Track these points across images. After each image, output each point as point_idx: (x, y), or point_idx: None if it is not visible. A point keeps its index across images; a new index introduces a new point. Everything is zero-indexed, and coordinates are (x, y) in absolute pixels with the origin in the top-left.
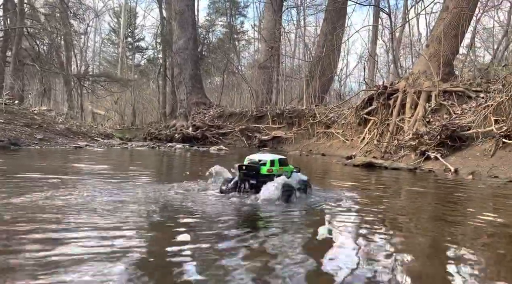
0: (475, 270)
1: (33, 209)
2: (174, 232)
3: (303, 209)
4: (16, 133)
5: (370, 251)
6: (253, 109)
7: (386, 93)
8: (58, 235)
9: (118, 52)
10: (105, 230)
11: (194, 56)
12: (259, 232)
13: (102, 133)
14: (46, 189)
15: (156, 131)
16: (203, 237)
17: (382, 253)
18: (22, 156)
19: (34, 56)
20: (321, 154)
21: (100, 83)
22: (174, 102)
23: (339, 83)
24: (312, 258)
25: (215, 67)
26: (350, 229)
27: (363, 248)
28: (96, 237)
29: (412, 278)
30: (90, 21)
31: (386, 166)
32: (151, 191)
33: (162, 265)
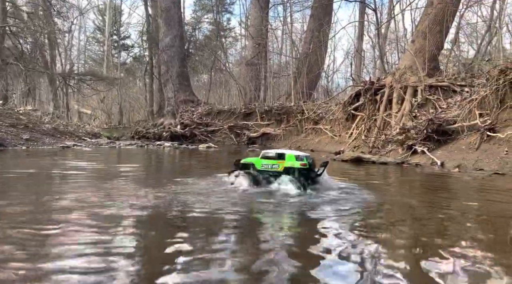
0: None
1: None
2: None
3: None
4: (2, 134)
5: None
6: (242, 106)
7: (373, 88)
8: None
9: (104, 50)
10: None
11: (180, 54)
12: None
13: (89, 133)
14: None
15: (144, 130)
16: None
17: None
18: (15, 157)
19: (18, 55)
20: (310, 150)
21: (86, 82)
22: (162, 100)
23: (326, 80)
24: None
25: (202, 65)
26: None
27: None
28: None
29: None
30: (74, 19)
31: (374, 161)
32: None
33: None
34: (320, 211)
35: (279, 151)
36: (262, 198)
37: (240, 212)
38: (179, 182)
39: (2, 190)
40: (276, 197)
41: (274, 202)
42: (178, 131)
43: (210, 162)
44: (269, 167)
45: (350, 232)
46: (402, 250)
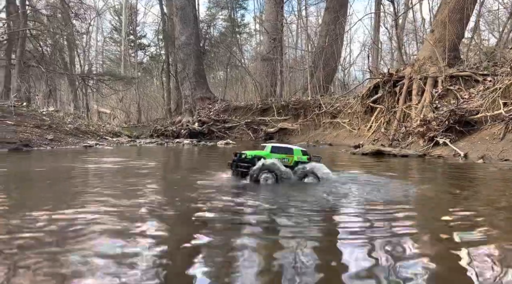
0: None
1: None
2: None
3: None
4: (27, 135)
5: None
6: (258, 102)
7: (391, 80)
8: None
9: (121, 50)
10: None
11: (197, 51)
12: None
13: (110, 132)
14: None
15: (162, 128)
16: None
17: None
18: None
19: (39, 57)
20: (328, 144)
21: (105, 82)
22: (179, 98)
23: (343, 73)
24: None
25: (218, 62)
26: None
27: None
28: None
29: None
30: (91, 21)
31: (395, 154)
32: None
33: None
34: (345, 204)
35: (276, 145)
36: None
37: (269, 205)
38: (201, 177)
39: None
40: (298, 190)
41: (301, 195)
42: (196, 128)
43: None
44: (281, 161)
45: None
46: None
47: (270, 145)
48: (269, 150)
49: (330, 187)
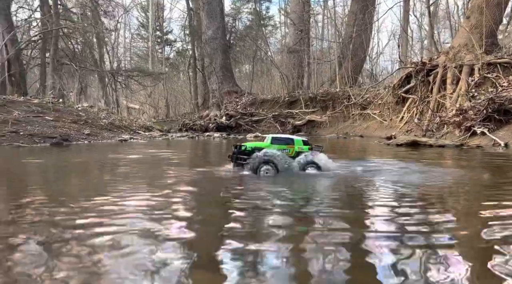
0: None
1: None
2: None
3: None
4: (66, 130)
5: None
6: (285, 94)
7: (425, 69)
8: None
9: (148, 46)
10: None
11: (223, 45)
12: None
13: (142, 126)
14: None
15: (191, 122)
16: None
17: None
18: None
19: (71, 55)
20: (359, 136)
21: (134, 77)
22: (206, 92)
23: (371, 63)
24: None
25: (244, 55)
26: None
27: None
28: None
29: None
30: (119, 18)
31: (431, 144)
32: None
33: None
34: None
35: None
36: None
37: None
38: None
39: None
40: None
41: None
42: (223, 122)
43: None
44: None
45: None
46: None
47: (270, 136)
48: (270, 141)
49: (373, 175)
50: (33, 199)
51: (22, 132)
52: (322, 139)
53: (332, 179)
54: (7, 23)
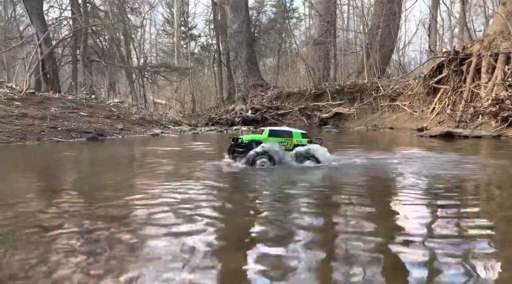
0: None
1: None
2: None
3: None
4: (100, 125)
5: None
6: (311, 87)
7: (458, 58)
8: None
9: (173, 42)
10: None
11: (248, 39)
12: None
13: (171, 121)
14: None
15: (217, 116)
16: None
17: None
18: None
19: (100, 52)
20: (388, 128)
21: (160, 73)
22: (231, 86)
23: (398, 54)
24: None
25: (268, 48)
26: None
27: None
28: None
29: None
30: (145, 14)
31: (466, 135)
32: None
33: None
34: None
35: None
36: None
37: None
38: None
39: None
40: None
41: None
42: (249, 116)
43: None
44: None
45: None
46: None
47: (268, 129)
48: (267, 134)
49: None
50: (83, 188)
51: (60, 128)
52: (350, 131)
53: (374, 171)
54: (40, 23)
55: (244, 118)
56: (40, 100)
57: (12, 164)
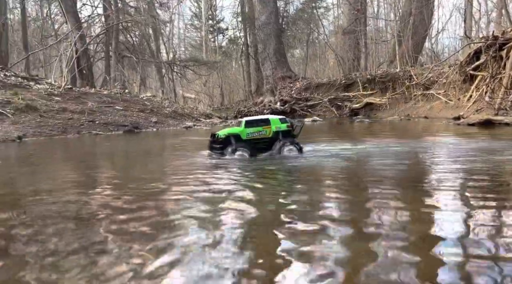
0: None
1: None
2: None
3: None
4: (135, 118)
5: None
6: (341, 77)
7: (497, 44)
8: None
9: (201, 35)
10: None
11: (277, 30)
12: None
13: (202, 114)
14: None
15: (245, 109)
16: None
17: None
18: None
19: (130, 48)
20: (422, 117)
21: (189, 67)
22: (259, 79)
23: (430, 41)
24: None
25: (296, 39)
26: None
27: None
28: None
29: None
30: (173, 9)
31: (507, 123)
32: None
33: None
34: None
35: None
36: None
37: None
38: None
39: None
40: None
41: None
42: (278, 108)
43: (322, 133)
44: (257, 135)
45: None
46: None
47: (244, 120)
48: (243, 125)
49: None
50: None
51: (97, 121)
52: (383, 121)
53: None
54: (75, 21)
55: (273, 110)
56: (77, 95)
57: (63, 155)
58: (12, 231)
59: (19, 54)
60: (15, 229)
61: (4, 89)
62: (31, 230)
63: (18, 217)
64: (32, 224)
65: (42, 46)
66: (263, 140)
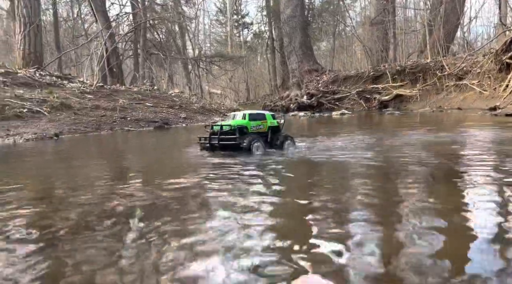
0: None
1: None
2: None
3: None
4: (164, 114)
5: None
6: (369, 69)
7: None
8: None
9: (226, 31)
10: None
11: (302, 23)
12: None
13: (229, 109)
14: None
15: (271, 103)
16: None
17: None
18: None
19: (157, 45)
20: (455, 108)
21: (215, 63)
22: (285, 73)
23: (462, 29)
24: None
25: (323, 31)
26: None
27: None
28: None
29: None
30: (199, 5)
31: None
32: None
33: None
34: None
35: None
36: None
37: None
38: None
39: None
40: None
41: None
42: (304, 101)
43: (352, 126)
44: (256, 129)
45: None
46: None
47: (248, 113)
48: (247, 118)
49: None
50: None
51: (129, 118)
52: (414, 113)
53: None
54: (105, 20)
55: (300, 104)
56: (108, 92)
57: (100, 151)
58: (52, 225)
59: (51, 54)
60: (55, 223)
61: (40, 88)
62: (73, 223)
63: (60, 211)
64: (74, 218)
65: (74, 45)
66: (261, 134)
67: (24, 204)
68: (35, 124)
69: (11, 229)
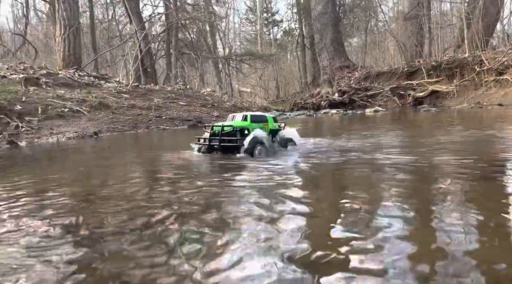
0: None
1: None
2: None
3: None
4: (198, 113)
5: None
6: (403, 65)
7: None
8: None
9: (256, 29)
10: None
11: (334, 19)
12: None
13: (260, 107)
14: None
15: (302, 101)
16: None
17: None
18: None
19: (189, 45)
20: (496, 105)
21: (245, 61)
22: (316, 70)
23: (502, 22)
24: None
25: (354, 27)
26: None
27: None
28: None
29: None
30: (229, 4)
31: None
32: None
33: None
34: None
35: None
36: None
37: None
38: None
39: None
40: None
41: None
42: (336, 99)
43: (384, 123)
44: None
45: None
46: None
47: (249, 114)
48: (249, 120)
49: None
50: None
51: (164, 117)
52: (452, 110)
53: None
54: (139, 21)
55: (331, 101)
56: (143, 92)
57: (140, 148)
58: (92, 221)
59: (88, 55)
60: (96, 218)
61: (79, 88)
62: (113, 219)
63: (100, 207)
64: (113, 214)
65: (109, 46)
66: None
67: (72, 200)
68: (76, 123)
69: (58, 224)
